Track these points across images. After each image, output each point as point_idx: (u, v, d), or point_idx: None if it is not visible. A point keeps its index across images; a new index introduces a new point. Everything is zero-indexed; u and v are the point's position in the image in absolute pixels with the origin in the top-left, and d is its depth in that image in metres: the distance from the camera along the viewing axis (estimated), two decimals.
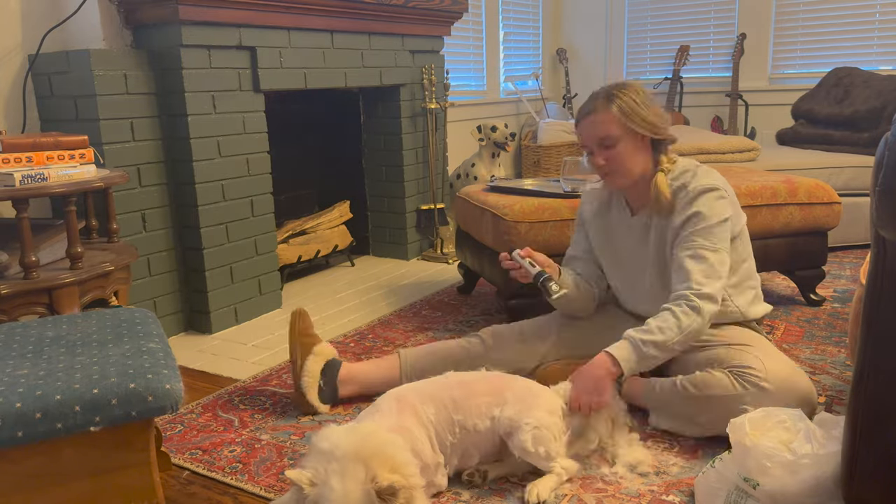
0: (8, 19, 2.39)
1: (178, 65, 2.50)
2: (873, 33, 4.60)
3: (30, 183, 1.86)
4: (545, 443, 1.56)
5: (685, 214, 1.80)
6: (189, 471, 1.73)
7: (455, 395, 1.61)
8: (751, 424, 1.45)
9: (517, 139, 5.17)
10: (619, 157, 1.81)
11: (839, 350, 2.30)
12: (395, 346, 2.48)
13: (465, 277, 3.06)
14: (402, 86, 3.58)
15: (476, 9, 4.79)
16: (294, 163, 3.54)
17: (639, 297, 1.98)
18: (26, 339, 1.46)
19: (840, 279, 3.06)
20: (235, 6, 2.60)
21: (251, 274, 2.85)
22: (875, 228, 1.16)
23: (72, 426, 1.17)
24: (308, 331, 2.02)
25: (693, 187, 1.81)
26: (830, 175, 3.43)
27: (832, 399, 1.95)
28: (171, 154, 2.61)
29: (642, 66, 5.48)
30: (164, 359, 1.35)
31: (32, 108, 2.48)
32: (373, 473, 1.31)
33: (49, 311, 1.90)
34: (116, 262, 2.06)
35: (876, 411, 1.20)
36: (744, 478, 1.39)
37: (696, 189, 1.81)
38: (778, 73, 4.95)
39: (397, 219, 3.70)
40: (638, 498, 1.55)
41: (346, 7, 3.06)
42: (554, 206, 2.44)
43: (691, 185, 1.82)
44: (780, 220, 2.56)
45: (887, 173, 1.09)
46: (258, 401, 2.09)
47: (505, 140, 3.82)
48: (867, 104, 3.74)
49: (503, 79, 5.21)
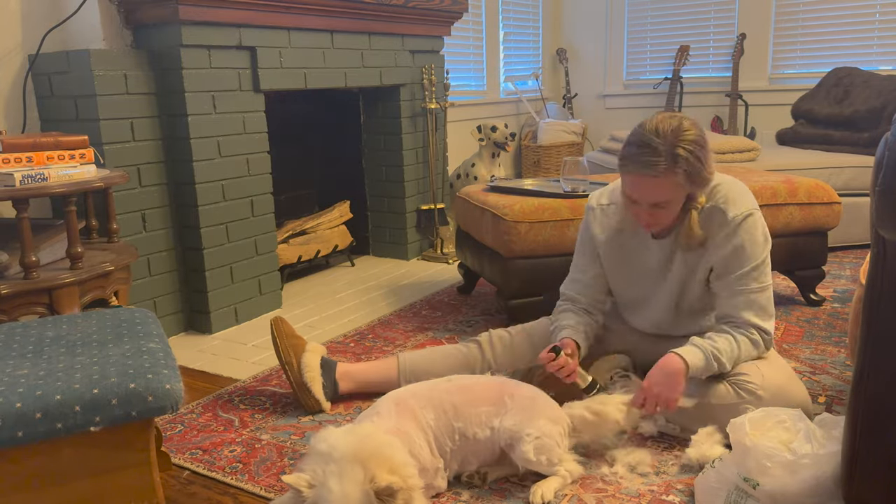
0: (8, 19, 2.39)
1: (178, 65, 2.50)
2: (873, 33, 4.60)
3: (30, 183, 1.86)
4: (547, 451, 1.56)
5: (727, 247, 1.72)
6: (189, 471, 1.73)
7: (455, 402, 1.59)
8: (751, 424, 1.45)
9: (517, 139, 5.18)
10: (668, 215, 1.71)
11: (839, 350, 2.30)
12: (395, 346, 2.48)
13: (465, 277, 3.06)
14: (402, 86, 3.58)
15: (476, 9, 4.80)
16: (294, 163, 3.54)
17: (646, 315, 1.95)
18: (26, 339, 1.46)
19: (840, 279, 3.06)
20: (235, 6, 2.60)
21: (251, 274, 2.85)
22: (875, 228, 1.16)
23: (72, 426, 1.17)
24: (294, 333, 2.02)
25: (732, 215, 1.72)
26: (830, 175, 3.43)
27: (832, 399, 1.95)
28: (171, 154, 2.61)
29: (642, 66, 5.48)
30: (164, 359, 1.35)
31: (32, 108, 2.48)
32: (371, 474, 1.30)
33: (49, 311, 1.90)
34: (116, 262, 2.06)
35: (876, 411, 1.20)
36: (744, 478, 1.39)
37: (736, 217, 1.71)
38: (778, 73, 4.95)
39: (397, 219, 3.70)
40: (638, 498, 1.55)
41: (346, 7, 3.06)
42: (554, 206, 2.44)
43: (730, 211, 1.72)
44: (780, 220, 2.56)
45: (887, 173, 1.09)
46: (258, 401, 2.09)
47: (505, 140, 3.82)
48: (867, 104, 3.74)
49: (503, 79, 5.21)
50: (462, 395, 1.61)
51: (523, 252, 2.42)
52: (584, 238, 1.96)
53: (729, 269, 1.74)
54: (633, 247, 1.89)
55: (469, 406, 1.59)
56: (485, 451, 1.61)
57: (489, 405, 1.60)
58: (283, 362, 1.97)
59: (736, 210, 1.72)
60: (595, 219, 1.92)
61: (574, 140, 5.09)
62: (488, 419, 1.59)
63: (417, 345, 2.48)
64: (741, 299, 1.73)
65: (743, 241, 1.71)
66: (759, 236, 1.73)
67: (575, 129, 5.12)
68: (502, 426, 1.57)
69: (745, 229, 1.72)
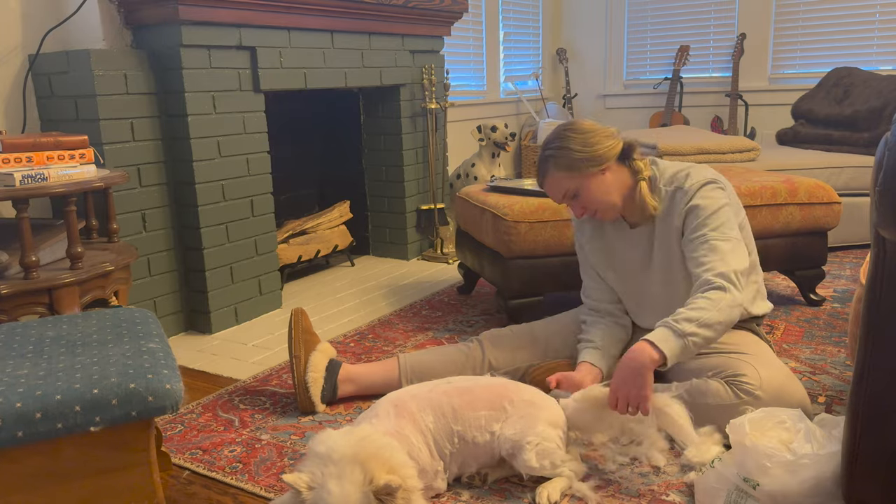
0: (8, 19, 2.39)
1: (178, 65, 2.50)
2: (873, 33, 4.60)
3: (30, 183, 1.86)
4: (549, 455, 1.55)
5: (684, 210, 1.79)
6: (189, 471, 1.73)
7: (455, 405, 1.58)
8: (751, 425, 1.45)
9: (517, 139, 5.18)
10: (591, 198, 1.81)
11: (839, 350, 2.30)
12: (396, 346, 2.48)
13: (465, 277, 3.06)
14: (402, 86, 3.58)
15: (476, 9, 4.80)
16: (294, 163, 3.54)
17: (645, 309, 1.96)
18: (26, 339, 1.46)
19: (840, 279, 3.06)
20: (235, 6, 2.60)
21: (251, 274, 2.85)
22: (875, 228, 1.16)
23: (72, 426, 1.17)
24: (310, 329, 2.03)
25: (689, 185, 1.80)
26: (830, 175, 3.43)
27: (832, 399, 1.95)
28: (171, 154, 2.61)
29: (642, 66, 5.48)
30: (164, 359, 1.35)
31: (32, 108, 2.48)
32: (370, 476, 1.30)
33: (49, 311, 1.90)
34: (116, 262, 2.06)
35: (876, 411, 1.20)
36: (744, 478, 1.39)
37: (693, 185, 1.80)
38: (778, 73, 4.95)
39: (397, 219, 3.70)
40: (638, 498, 1.55)
41: (346, 7, 3.06)
42: (554, 206, 2.43)
43: (686, 183, 1.81)
44: (780, 220, 2.57)
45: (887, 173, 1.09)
46: (258, 401, 2.09)
47: (505, 140, 3.82)
48: (867, 104, 3.73)
49: (503, 79, 5.21)
50: (461, 398, 1.60)
51: (523, 252, 2.42)
52: (576, 245, 2.09)
53: (688, 226, 1.79)
54: (615, 242, 1.96)
55: (468, 409, 1.59)
56: (484, 455, 1.60)
57: (489, 409, 1.60)
58: (293, 355, 1.98)
59: (692, 181, 1.81)
60: (578, 226, 2.05)
61: None
62: (488, 423, 1.58)
63: (417, 345, 2.48)
64: (702, 249, 1.73)
65: (697, 201, 1.77)
66: (714, 196, 1.77)
67: None
68: (503, 434, 1.57)
69: (701, 193, 1.78)
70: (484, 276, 2.73)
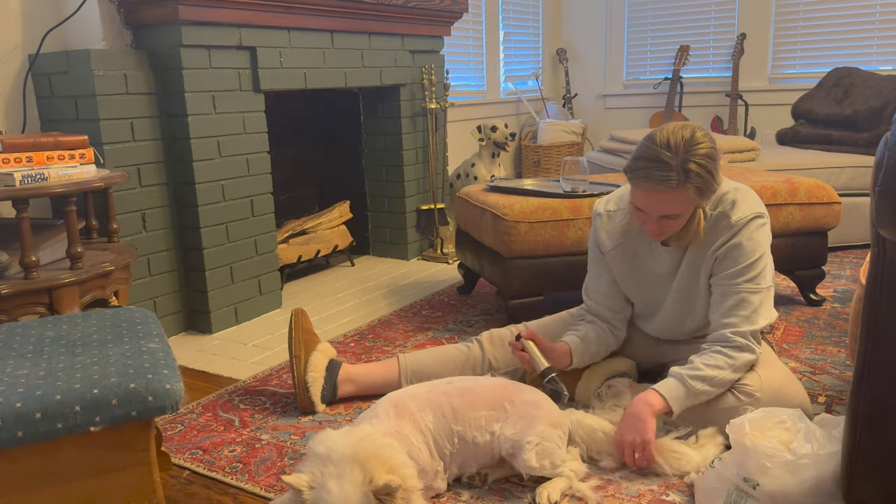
0: (8, 19, 2.39)
1: (178, 65, 2.50)
2: (873, 33, 4.60)
3: (30, 183, 1.86)
4: (549, 455, 1.55)
5: (725, 245, 1.71)
6: (189, 471, 1.73)
7: (455, 405, 1.58)
8: (751, 425, 1.45)
9: (517, 139, 5.18)
10: (676, 226, 1.70)
11: (839, 350, 2.30)
12: (396, 346, 2.48)
13: (465, 277, 3.06)
14: (402, 86, 3.58)
15: (476, 9, 4.80)
16: (294, 163, 3.54)
17: (655, 319, 1.94)
18: (26, 339, 1.46)
19: (840, 279, 3.06)
20: (235, 6, 2.60)
21: (251, 274, 2.85)
22: (875, 228, 1.16)
23: (72, 426, 1.17)
24: (310, 329, 2.03)
25: (736, 218, 1.71)
26: (830, 175, 3.43)
27: (832, 399, 1.95)
28: (171, 154, 2.61)
29: (642, 66, 5.48)
30: (164, 359, 1.35)
31: (32, 108, 2.48)
32: (370, 476, 1.31)
33: (49, 311, 1.90)
34: (116, 262, 2.06)
35: (876, 411, 1.20)
36: (744, 478, 1.39)
37: (740, 220, 1.71)
38: (778, 73, 4.95)
39: (397, 219, 3.70)
40: (638, 498, 1.55)
41: (346, 7, 3.06)
42: (554, 206, 2.43)
43: (734, 214, 1.71)
44: (780, 220, 2.56)
45: (887, 173, 1.09)
46: (258, 401, 2.09)
47: (505, 140, 3.82)
48: (867, 104, 3.74)
49: (503, 79, 5.21)
50: (462, 398, 1.60)
51: (523, 252, 2.42)
52: (593, 245, 1.95)
53: (724, 266, 1.73)
54: (642, 252, 1.87)
55: (468, 410, 1.59)
56: (484, 456, 1.60)
57: (489, 410, 1.60)
58: (293, 355, 1.98)
59: (740, 214, 1.72)
60: (602, 225, 1.91)
61: (574, 140, 5.09)
62: (488, 424, 1.58)
63: (417, 345, 2.48)
64: (732, 300, 1.70)
65: (741, 240, 1.70)
66: (758, 238, 1.71)
67: (575, 129, 5.12)
68: (503, 434, 1.57)
69: (746, 232, 1.71)
70: (484, 276, 2.73)
